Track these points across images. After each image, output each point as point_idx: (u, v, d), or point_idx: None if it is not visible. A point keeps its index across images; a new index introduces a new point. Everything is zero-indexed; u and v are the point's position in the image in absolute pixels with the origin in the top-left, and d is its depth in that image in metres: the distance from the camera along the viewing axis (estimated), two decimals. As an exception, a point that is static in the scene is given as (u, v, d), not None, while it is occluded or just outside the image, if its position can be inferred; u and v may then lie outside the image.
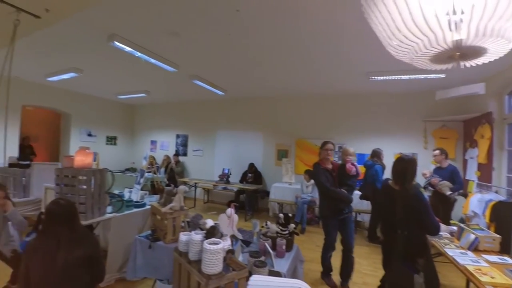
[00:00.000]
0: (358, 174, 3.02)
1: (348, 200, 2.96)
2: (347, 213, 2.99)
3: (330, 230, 3.04)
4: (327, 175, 2.97)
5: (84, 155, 2.44)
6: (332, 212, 2.98)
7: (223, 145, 7.56)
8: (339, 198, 2.93)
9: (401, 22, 0.98)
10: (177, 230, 2.45)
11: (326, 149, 3.02)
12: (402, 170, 2.11)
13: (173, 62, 4.40)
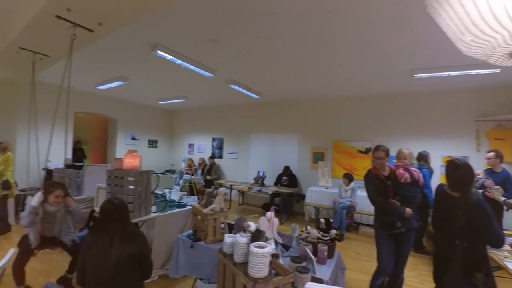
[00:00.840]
0: (417, 182, 2.55)
1: (396, 212, 2.51)
2: (399, 227, 2.50)
3: (380, 245, 2.64)
4: (377, 183, 2.59)
5: (132, 158, 2.61)
6: (382, 224, 2.64)
7: (257, 148, 7.61)
8: (385, 209, 2.58)
9: (477, 16, 0.90)
10: (218, 231, 2.50)
11: (374, 157, 2.62)
12: (461, 176, 1.92)
13: (210, 67, 4.54)
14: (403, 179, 2.49)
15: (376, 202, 2.62)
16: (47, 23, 2.51)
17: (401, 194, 2.53)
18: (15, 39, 2.96)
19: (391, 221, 2.53)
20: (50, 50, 3.28)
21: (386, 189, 2.56)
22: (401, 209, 2.48)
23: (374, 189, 2.60)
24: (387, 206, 2.55)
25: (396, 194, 2.55)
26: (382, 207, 2.60)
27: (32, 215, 2.40)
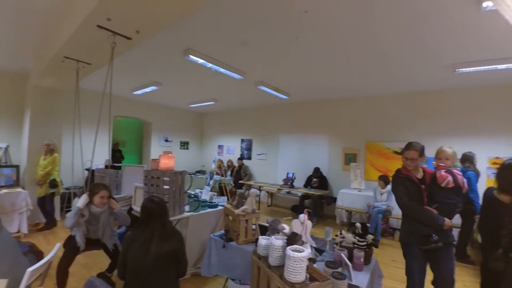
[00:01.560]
0: (460, 188, 2.13)
1: (432, 223, 2.07)
2: (436, 241, 2.03)
3: (411, 264, 2.24)
4: (409, 186, 2.20)
5: (167, 159, 2.71)
6: (413, 238, 2.18)
7: (286, 149, 7.54)
8: (419, 218, 2.15)
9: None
10: (249, 232, 2.50)
11: (405, 157, 2.24)
12: None
13: (240, 70, 4.58)
14: (445, 182, 2.09)
15: (408, 208, 2.20)
16: (89, 33, 2.68)
17: (439, 201, 2.13)
18: (60, 49, 3.19)
19: (426, 233, 2.09)
20: (92, 58, 3.51)
21: (420, 193, 2.17)
22: (440, 219, 2.05)
23: (405, 192, 2.20)
24: (421, 213, 2.12)
25: (433, 200, 2.15)
26: (415, 214, 2.17)
27: (77, 217, 2.49)
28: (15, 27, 3.46)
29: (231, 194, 2.75)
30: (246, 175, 7.82)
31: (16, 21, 3.27)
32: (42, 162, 4.59)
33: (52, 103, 5.18)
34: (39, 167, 4.59)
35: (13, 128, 5.71)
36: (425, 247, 2.09)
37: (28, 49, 4.21)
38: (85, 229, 2.57)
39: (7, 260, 1.82)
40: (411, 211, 2.20)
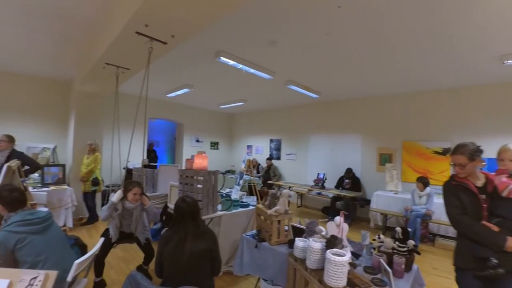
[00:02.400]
0: None
1: (491, 242, 1.65)
2: (495, 267, 1.60)
3: None
4: (464, 196, 1.79)
5: (201, 159, 2.78)
6: (468, 262, 1.77)
7: (317, 149, 7.38)
8: (473, 236, 1.73)
9: None
10: (282, 233, 2.47)
11: (452, 163, 1.85)
12: None
13: (270, 69, 4.56)
14: (507, 191, 1.66)
15: (459, 223, 1.79)
16: (128, 40, 2.82)
17: (501, 215, 1.70)
18: (102, 56, 3.40)
19: (482, 255, 1.67)
20: (130, 64, 3.69)
21: (478, 206, 1.75)
22: (501, 237, 1.61)
23: (457, 204, 1.80)
24: (477, 230, 1.71)
25: (493, 214, 1.72)
26: (468, 231, 1.75)
27: (111, 210, 2.66)
28: (61, 38, 3.75)
29: (263, 194, 2.74)
30: (275, 176, 7.78)
31: (61, 32, 3.54)
32: (86, 161, 4.95)
33: (93, 106, 5.58)
34: (83, 165, 4.95)
35: (60, 130, 6.24)
36: (482, 274, 1.65)
37: (72, 57, 4.56)
38: (118, 222, 2.73)
39: (57, 252, 1.97)
40: (464, 228, 1.78)
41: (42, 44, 3.97)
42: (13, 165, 3.03)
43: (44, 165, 4.94)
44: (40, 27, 3.39)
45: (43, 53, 4.39)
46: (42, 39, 3.78)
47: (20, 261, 1.79)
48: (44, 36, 3.69)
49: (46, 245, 1.89)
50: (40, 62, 4.89)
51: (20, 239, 1.80)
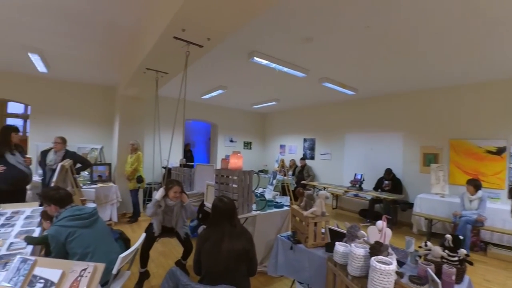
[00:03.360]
0: None
1: None
2: None
3: None
4: None
5: (236, 158, 2.80)
6: None
7: (353, 148, 7.07)
8: None
9: None
10: (318, 235, 2.39)
11: None
12: None
13: (303, 67, 4.47)
14: None
15: None
16: (166, 45, 2.93)
17: None
18: (142, 62, 3.59)
19: None
20: (169, 68, 3.85)
21: None
22: None
23: None
24: None
25: None
26: None
27: (156, 207, 2.83)
28: (106, 46, 4.04)
29: (298, 195, 2.68)
30: (309, 176, 7.62)
31: (107, 41, 3.80)
32: (129, 160, 5.27)
33: (135, 109, 5.96)
34: (127, 164, 5.28)
35: (106, 132, 6.78)
36: None
37: (116, 64, 4.89)
38: (161, 218, 2.90)
39: (104, 245, 2.11)
40: None
41: (90, 53, 4.32)
42: (66, 164, 3.32)
43: (93, 164, 5.37)
44: (89, 37, 3.69)
45: (91, 61, 4.77)
46: (90, 48, 4.11)
47: (71, 253, 1.94)
48: (92, 45, 4.00)
49: (93, 238, 2.04)
50: (88, 70, 5.34)
51: (71, 232, 1.96)
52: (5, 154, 3.27)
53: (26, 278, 1.49)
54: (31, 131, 6.09)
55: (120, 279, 2.21)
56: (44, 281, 1.47)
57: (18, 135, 3.49)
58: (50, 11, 3.00)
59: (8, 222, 2.59)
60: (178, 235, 3.00)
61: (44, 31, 3.52)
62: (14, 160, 3.34)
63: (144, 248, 2.83)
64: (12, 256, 1.81)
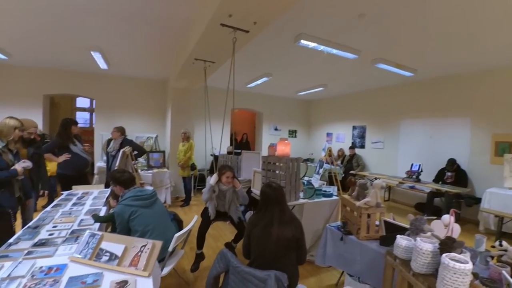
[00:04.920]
0: None
1: None
2: None
3: None
4: None
5: (284, 145, 2.75)
6: None
7: (410, 136, 6.44)
8: None
9: None
10: (372, 227, 2.25)
11: None
12: None
13: (355, 48, 4.15)
14: None
15: None
16: (214, 33, 2.96)
17: None
18: (191, 52, 3.70)
19: None
20: (216, 57, 3.91)
21: None
22: None
23: None
24: None
25: None
26: None
27: (210, 192, 2.94)
28: (158, 43, 4.28)
29: (350, 184, 2.54)
30: (359, 166, 7.22)
31: (158, 37, 4.00)
32: (181, 148, 5.57)
33: (185, 100, 6.30)
34: (179, 152, 5.59)
35: (160, 121, 7.33)
36: None
37: (167, 58, 5.15)
38: (215, 202, 3.01)
39: (161, 225, 2.27)
40: None
41: (144, 49, 4.63)
42: (126, 150, 3.63)
43: (149, 151, 5.83)
44: (142, 34, 3.94)
45: (145, 57, 5.13)
46: (144, 45, 4.40)
47: (133, 230, 2.13)
48: (145, 42, 4.28)
49: (153, 218, 2.21)
50: (143, 65, 5.75)
51: (133, 211, 2.15)
52: (69, 145, 3.71)
53: (94, 251, 1.66)
54: (96, 123, 6.85)
55: (175, 257, 2.37)
56: (109, 254, 1.62)
57: (77, 127, 3.94)
58: (108, 12, 3.26)
59: (79, 201, 2.95)
60: (232, 219, 3.08)
61: (103, 31, 3.86)
62: (77, 149, 3.79)
63: (200, 231, 2.97)
64: (82, 231, 2.04)
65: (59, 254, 1.70)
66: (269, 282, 1.35)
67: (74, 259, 1.63)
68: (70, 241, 1.90)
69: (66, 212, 2.54)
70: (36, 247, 1.78)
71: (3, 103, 5.71)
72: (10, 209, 2.48)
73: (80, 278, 1.43)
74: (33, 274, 1.45)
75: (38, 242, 1.86)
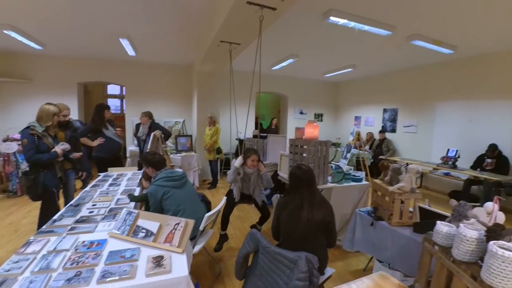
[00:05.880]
0: None
1: None
2: None
3: None
4: None
5: (312, 128, 2.68)
6: None
7: (446, 119, 5.99)
8: None
9: None
10: (405, 213, 2.16)
11: None
12: None
13: (389, 24, 3.86)
14: None
15: None
16: (240, 12, 2.87)
17: None
18: (216, 35, 3.64)
19: None
20: (241, 38, 3.82)
21: None
22: None
23: None
24: None
25: None
26: None
27: (235, 174, 2.97)
28: (183, 27, 4.27)
29: (382, 168, 2.43)
30: (389, 150, 6.91)
31: (183, 21, 3.98)
32: (208, 132, 5.66)
33: (211, 84, 6.32)
34: (206, 136, 5.69)
35: (186, 106, 7.47)
36: None
37: (191, 42, 5.16)
38: (240, 185, 3.05)
39: (192, 205, 2.35)
40: None
41: (169, 34, 4.66)
42: (157, 134, 3.74)
43: (176, 136, 5.99)
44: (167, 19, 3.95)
45: (171, 42, 5.17)
46: (169, 30, 4.43)
47: (165, 210, 2.22)
48: (171, 27, 4.30)
49: (183, 198, 2.28)
50: (169, 51, 5.83)
51: (166, 191, 2.23)
52: (102, 129, 3.88)
53: (131, 228, 1.75)
54: (127, 108, 7.13)
55: (205, 236, 2.45)
56: (145, 231, 1.71)
57: (109, 112, 4.10)
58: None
59: (115, 182, 3.12)
60: (256, 202, 3.11)
61: (131, 17, 3.91)
62: (110, 133, 3.98)
63: (225, 213, 3.04)
64: (119, 209, 2.17)
65: (99, 230, 1.82)
66: (300, 263, 1.35)
67: (113, 235, 1.73)
68: (108, 218, 2.02)
69: (103, 192, 2.71)
70: (78, 223, 1.92)
71: (41, 92, 6.10)
72: (54, 188, 2.70)
73: (119, 253, 1.52)
74: (77, 247, 1.57)
75: (79, 219, 2.00)
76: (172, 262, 1.44)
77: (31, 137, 2.49)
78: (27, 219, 3.87)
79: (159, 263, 1.40)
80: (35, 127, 2.55)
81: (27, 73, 6.11)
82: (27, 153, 2.48)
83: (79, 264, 1.39)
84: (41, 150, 2.54)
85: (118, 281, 1.27)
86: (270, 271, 1.52)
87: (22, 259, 1.42)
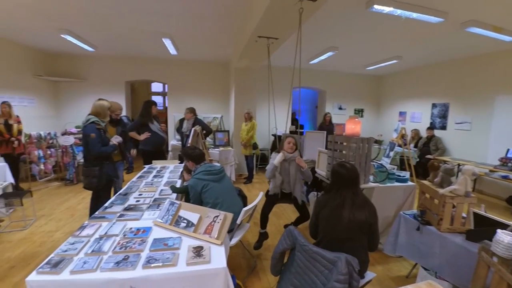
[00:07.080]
0: None
1: None
2: None
3: None
4: None
5: (353, 124, 2.56)
6: None
7: (506, 116, 5.31)
8: None
9: None
10: (457, 219, 1.97)
11: None
12: None
13: (440, 10, 3.52)
14: None
15: None
16: (279, 5, 2.83)
17: None
18: (254, 30, 3.63)
19: None
20: (279, 33, 3.77)
21: None
22: None
23: None
24: None
25: None
26: None
27: (273, 171, 2.93)
28: (222, 24, 4.33)
29: (432, 169, 2.24)
30: (438, 149, 6.35)
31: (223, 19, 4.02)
32: (244, 127, 5.74)
33: (248, 79, 6.39)
34: (242, 131, 5.78)
35: (224, 102, 7.66)
36: None
37: (229, 39, 5.22)
38: (279, 182, 2.96)
39: (229, 198, 2.40)
40: None
41: (208, 32, 4.77)
42: (197, 129, 3.89)
43: (214, 131, 6.17)
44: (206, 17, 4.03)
45: (209, 40, 5.29)
46: (208, 27, 4.52)
47: (204, 202, 2.31)
48: (209, 25, 4.38)
49: (222, 192, 2.35)
50: (207, 48, 5.97)
51: (205, 184, 2.31)
52: (149, 124, 4.13)
53: (173, 217, 1.85)
54: (169, 105, 7.54)
55: (241, 229, 2.50)
56: (186, 221, 1.79)
57: (156, 108, 4.35)
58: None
59: (159, 174, 3.32)
60: (296, 201, 3.01)
61: (173, 17, 4.06)
62: (156, 128, 4.23)
63: (264, 211, 3.03)
64: (163, 199, 2.30)
65: (145, 218, 1.96)
66: (339, 264, 1.30)
67: (157, 224, 1.84)
68: (153, 207, 2.16)
69: (148, 183, 2.90)
70: (126, 211, 2.08)
71: (94, 90, 6.70)
72: (114, 177, 2.97)
73: (163, 240, 1.61)
74: (125, 233, 1.70)
75: (127, 207, 2.16)
76: (211, 253, 1.49)
77: (97, 131, 2.75)
78: (81, 204, 4.30)
79: (199, 253, 1.46)
80: (99, 122, 2.80)
81: (82, 73, 6.76)
82: (95, 146, 2.73)
83: (127, 248, 1.51)
84: (105, 143, 2.80)
85: (162, 268, 1.35)
86: (307, 270, 1.50)
87: (77, 241, 1.58)
